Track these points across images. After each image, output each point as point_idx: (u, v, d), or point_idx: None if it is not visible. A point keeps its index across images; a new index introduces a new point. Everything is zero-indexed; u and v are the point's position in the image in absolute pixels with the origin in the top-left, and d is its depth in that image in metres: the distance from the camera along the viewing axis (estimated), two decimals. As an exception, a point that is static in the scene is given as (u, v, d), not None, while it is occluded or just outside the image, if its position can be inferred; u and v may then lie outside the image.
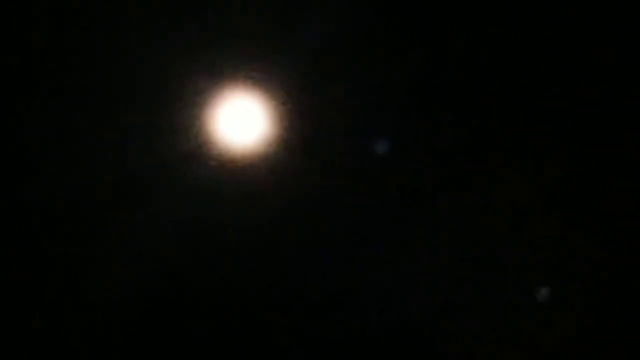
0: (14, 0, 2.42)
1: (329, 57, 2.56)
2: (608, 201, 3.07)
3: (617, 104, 2.99)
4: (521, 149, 3.08)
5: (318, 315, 2.81)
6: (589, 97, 2.97)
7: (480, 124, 2.97)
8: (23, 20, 2.49)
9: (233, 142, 2.52)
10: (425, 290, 2.93)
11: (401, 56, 2.71)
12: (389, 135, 2.71)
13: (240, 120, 2.46)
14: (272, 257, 2.72)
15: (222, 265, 2.73)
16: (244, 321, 2.80)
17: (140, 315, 2.76)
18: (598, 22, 2.95)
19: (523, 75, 3.00)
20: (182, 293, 2.77)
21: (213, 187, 2.56)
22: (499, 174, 3.03)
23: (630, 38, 2.95)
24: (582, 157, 2.95)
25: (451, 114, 2.87)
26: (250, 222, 2.65)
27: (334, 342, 2.85)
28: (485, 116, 2.96)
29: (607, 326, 3.05)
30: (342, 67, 2.60)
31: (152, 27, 2.44)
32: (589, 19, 2.95)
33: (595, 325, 3.01)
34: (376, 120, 2.71)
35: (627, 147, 3.02)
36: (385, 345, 2.91)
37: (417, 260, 2.93)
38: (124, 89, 2.49)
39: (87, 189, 2.58)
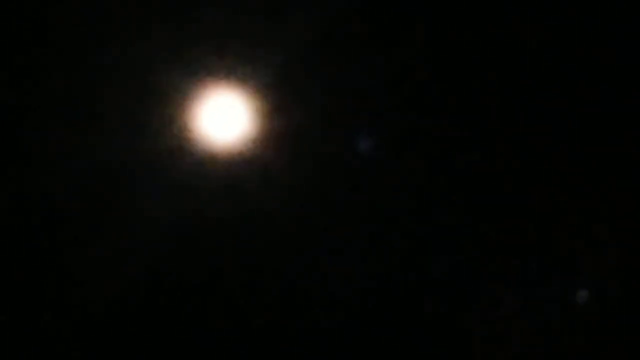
0: None
1: (314, 52, 2.57)
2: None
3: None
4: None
5: (306, 308, 2.85)
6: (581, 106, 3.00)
7: (473, 121, 2.99)
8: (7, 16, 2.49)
9: (217, 137, 2.54)
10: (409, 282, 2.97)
11: (386, 51, 2.71)
12: (373, 131, 2.74)
13: (224, 116, 2.49)
14: (257, 252, 2.74)
15: (208, 260, 2.74)
16: (231, 315, 2.81)
17: (130, 309, 2.77)
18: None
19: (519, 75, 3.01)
20: (169, 287, 2.77)
21: (198, 182, 2.58)
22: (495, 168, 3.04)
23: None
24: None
25: (439, 110, 2.90)
26: (235, 217, 2.67)
27: (325, 337, 2.88)
28: (481, 114, 2.99)
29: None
30: (326, 61, 2.62)
31: (138, 24, 2.45)
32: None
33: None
34: (360, 116, 2.73)
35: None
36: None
37: (407, 253, 2.97)
38: (109, 85, 2.51)
39: (72, 185, 2.60)
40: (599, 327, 3.02)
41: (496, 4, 2.85)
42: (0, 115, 2.56)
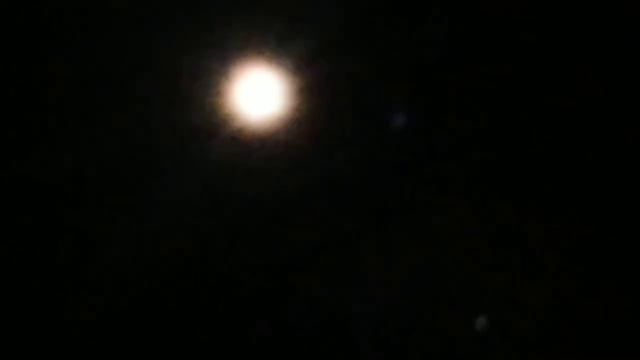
0: None
1: (343, 35, 2.63)
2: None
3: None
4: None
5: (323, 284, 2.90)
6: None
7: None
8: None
9: (247, 116, 2.59)
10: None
11: (412, 36, 2.76)
12: (399, 112, 2.78)
13: (254, 95, 2.54)
14: (281, 229, 2.78)
15: (233, 235, 2.80)
16: (254, 290, 2.87)
17: (157, 285, 2.82)
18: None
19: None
20: (197, 262, 2.81)
21: (228, 160, 2.63)
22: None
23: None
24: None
25: (461, 93, 2.97)
26: (264, 194, 2.72)
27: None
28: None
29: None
30: (355, 44, 2.67)
31: (175, 8, 2.50)
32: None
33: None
34: (387, 97, 2.78)
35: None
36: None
37: (426, 236, 3.02)
38: (143, 64, 2.56)
39: (105, 160, 2.66)
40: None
41: None
42: (36, 88, 2.60)
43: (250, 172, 2.66)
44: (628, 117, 3.05)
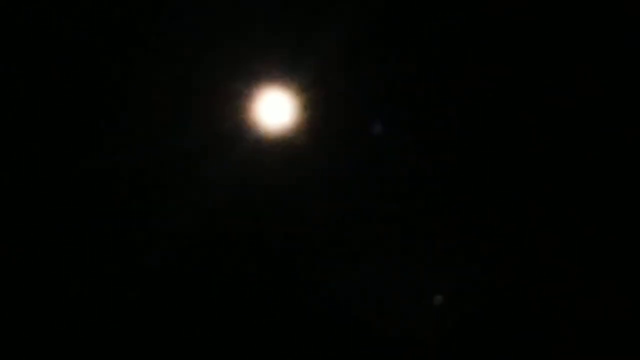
0: None
1: (344, 56, 2.90)
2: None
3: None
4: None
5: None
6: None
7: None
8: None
9: (267, 126, 2.94)
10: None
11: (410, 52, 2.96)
12: (399, 122, 3.03)
13: (272, 109, 2.91)
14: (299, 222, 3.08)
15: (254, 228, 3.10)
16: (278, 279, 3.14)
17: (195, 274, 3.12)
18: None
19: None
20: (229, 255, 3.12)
21: (250, 163, 2.96)
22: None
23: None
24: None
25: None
26: (281, 194, 3.05)
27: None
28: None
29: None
30: (355, 64, 2.93)
31: (207, 36, 2.82)
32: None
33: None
34: (387, 109, 3.02)
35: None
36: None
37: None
38: (182, 80, 2.88)
39: (145, 160, 2.98)
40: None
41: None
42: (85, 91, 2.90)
43: (272, 171, 2.99)
44: (628, 117, 3.05)
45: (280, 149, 2.94)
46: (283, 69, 2.83)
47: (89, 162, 2.98)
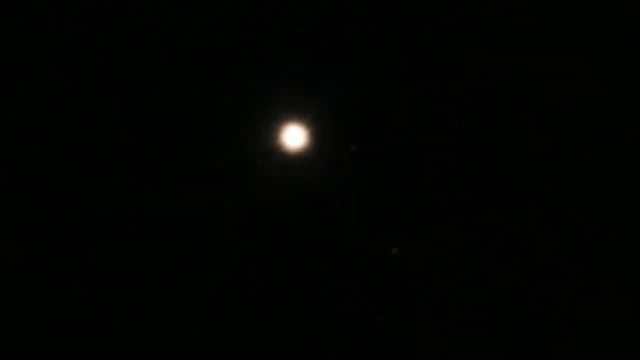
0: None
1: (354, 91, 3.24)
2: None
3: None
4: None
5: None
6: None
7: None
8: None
9: (292, 144, 3.26)
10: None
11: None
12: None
13: (298, 129, 3.27)
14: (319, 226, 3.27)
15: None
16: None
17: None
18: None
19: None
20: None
21: (279, 175, 3.26)
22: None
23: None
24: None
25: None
26: (306, 201, 3.29)
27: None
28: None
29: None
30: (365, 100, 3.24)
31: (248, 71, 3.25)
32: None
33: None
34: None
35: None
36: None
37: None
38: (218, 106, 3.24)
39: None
40: None
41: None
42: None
43: (296, 182, 3.29)
44: (628, 117, 3.05)
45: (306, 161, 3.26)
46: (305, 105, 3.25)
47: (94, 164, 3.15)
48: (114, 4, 3.08)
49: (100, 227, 3.12)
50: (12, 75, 3.05)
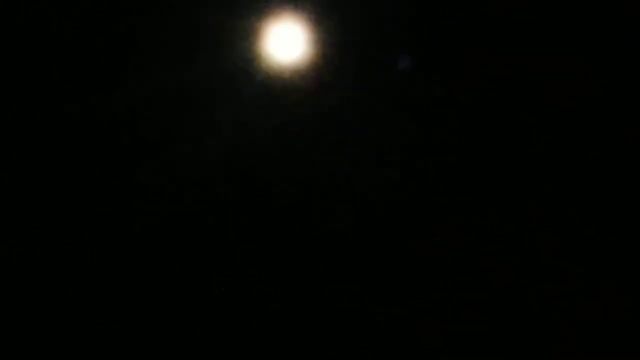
0: None
1: None
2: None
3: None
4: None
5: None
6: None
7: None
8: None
9: (279, 57, 3.07)
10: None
11: None
12: (412, 51, 3.13)
13: (284, 40, 3.06)
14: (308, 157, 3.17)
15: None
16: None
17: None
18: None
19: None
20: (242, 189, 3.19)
21: (263, 95, 3.09)
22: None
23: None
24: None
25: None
26: (292, 125, 3.14)
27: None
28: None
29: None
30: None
31: None
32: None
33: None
34: (401, 37, 3.12)
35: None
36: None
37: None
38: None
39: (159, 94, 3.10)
40: None
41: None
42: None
43: (284, 103, 3.11)
44: (628, 117, 3.05)
45: (294, 77, 3.07)
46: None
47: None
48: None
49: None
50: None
